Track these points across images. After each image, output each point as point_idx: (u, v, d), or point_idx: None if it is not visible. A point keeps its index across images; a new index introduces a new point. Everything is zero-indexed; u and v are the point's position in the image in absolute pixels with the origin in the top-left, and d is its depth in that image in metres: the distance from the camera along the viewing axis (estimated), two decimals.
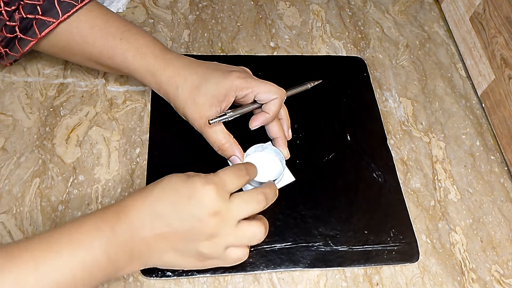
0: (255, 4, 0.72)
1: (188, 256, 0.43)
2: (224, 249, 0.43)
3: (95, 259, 0.39)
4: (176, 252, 0.42)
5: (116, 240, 0.40)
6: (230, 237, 0.43)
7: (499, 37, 0.61)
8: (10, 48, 0.52)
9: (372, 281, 0.50)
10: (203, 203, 0.41)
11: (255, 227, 0.44)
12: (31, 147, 0.54)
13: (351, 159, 0.57)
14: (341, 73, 0.65)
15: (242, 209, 0.43)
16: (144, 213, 0.41)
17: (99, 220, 0.41)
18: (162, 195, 0.42)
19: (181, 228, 0.41)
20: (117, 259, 0.40)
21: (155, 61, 0.51)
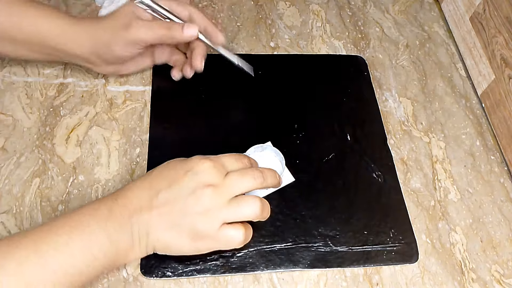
0: (255, 4, 0.72)
1: (184, 233, 0.42)
2: (218, 225, 0.42)
3: (95, 239, 0.39)
4: (173, 230, 0.42)
5: (114, 220, 0.40)
6: (225, 210, 0.42)
7: (499, 37, 0.61)
8: None
9: (372, 281, 0.50)
10: (199, 175, 0.42)
11: (251, 199, 0.44)
12: (31, 147, 0.54)
13: (351, 159, 0.57)
14: (341, 73, 0.65)
15: (238, 184, 0.43)
16: (142, 192, 0.42)
17: (97, 203, 0.42)
18: (160, 174, 0.44)
19: (178, 201, 0.42)
20: (118, 239, 0.40)
21: (64, 15, 0.51)
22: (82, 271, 0.39)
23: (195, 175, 0.43)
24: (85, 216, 0.40)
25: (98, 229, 0.40)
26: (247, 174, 0.45)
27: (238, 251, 0.49)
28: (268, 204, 0.46)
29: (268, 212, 0.46)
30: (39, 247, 0.37)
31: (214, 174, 0.43)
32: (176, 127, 0.57)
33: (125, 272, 0.48)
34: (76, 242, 0.38)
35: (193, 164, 0.43)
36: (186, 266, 0.48)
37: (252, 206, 0.44)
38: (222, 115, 0.58)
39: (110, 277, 0.47)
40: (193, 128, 0.57)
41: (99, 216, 0.40)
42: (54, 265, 0.37)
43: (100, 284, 0.46)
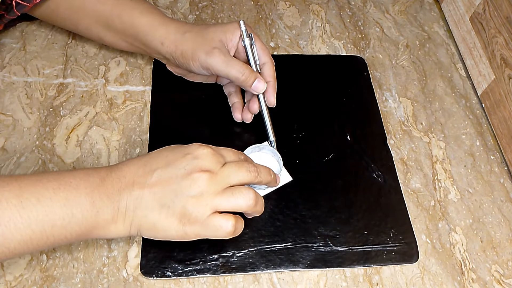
0: (255, 4, 0.72)
1: (172, 215, 0.42)
2: (209, 211, 0.42)
3: (79, 201, 0.39)
4: (162, 210, 0.42)
5: (104, 190, 0.41)
6: (218, 197, 0.42)
7: (499, 37, 0.61)
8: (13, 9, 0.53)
9: (372, 281, 0.50)
10: (198, 159, 0.43)
11: (245, 190, 0.44)
12: (31, 147, 0.54)
13: (351, 159, 0.57)
14: (341, 73, 0.65)
15: (234, 174, 0.44)
16: (137, 168, 0.43)
17: (91, 170, 0.42)
18: (158, 155, 0.44)
19: (172, 181, 0.42)
20: (101, 207, 0.40)
21: (160, 16, 0.53)
22: (56, 228, 0.39)
23: (194, 159, 0.43)
24: (75, 179, 0.40)
25: (85, 194, 0.40)
26: (243, 166, 0.45)
27: (238, 251, 0.49)
28: (263, 199, 0.46)
29: (262, 206, 0.46)
30: (22, 193, 0.38)
31: (213, 161, 0.43)
32: (176, 127, 0.57)
33: (125, 272, 0.48)
34: (59, 198, 0.39)
35: (193, 149, 0.44)
36: (186, 266, 0.48)
37: (246, 197, 0.43)
38: (221, 115, 0.58)
39: (110, 277, 0.47)
40: (193, 128, 0.57)
41: (89, 182, 0.41)
42: (31, 212, 0.38)
43: (100, 284, 0.47)
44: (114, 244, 0.49)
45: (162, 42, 0.53)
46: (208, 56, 0.51)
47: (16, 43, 0.62)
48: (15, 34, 0.63)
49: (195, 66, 0.52)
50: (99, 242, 0.49)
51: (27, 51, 0.62)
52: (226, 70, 0.51)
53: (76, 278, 0.47)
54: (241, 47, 0.53)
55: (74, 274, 0.47)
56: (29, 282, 0.46)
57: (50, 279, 0.46)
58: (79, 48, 0.63)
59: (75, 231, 0.40)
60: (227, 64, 0.51)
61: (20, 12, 0.54)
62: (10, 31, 0.63)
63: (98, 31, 0.56)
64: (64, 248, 0.48)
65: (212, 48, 0.51)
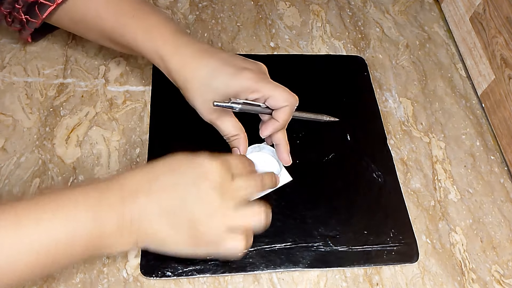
0: (255, 4, 0.72)
1: (181, 230, 0.40)
2: (222, 231, 0.41)
3: (80, 220, 0.38)
4: (168, 217, 0.40)
5: (104, 203, 0.39)
6: (230, 217, 0.41)
7: (499, 37, 0.61)
8: (30, 14, 0.52)
9: (372, 281, 0.50)
10: (208, 174, 0.41)
11: (258, 210, 0.42)
12: (31, 147, 0.54)
13: (351, 159, 0.57)
14: (341, 73, 0.65)
15: (243, 188, 0.43)
16: (141, 176, 0.41)
17: (90, 185, 0.40)
18: (161, 162, 0.42)
19: (178, 186, 0.40)
20: (104, 219, 0.38)
21: (164, 45, 0.49)
22: (60, 247, 0.37)
23: (204, 173, 0.41)
24: (73, 196, 0.39)
25: (85, 209, 0.38)
26: (252, 179, 0.44)
27: None
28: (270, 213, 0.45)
29: (269, 221, 0.45)
30: (20, 220, 0.36)
31: (223, 176, 0.41)
32: (176, 127, 0.57)
33: (125, 272, 0.48)
34: (59, 219, 0.37)
35: (201, 161, 0.42)
36: (186, 266, 0.48)
37: (259, 217, 0.42)
38: None
39: (110, 277, 0.47)
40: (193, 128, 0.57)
41: (88, 196, 0.39)
42: (33, 236, 0.36)
43: (100, 284, 0.46)
44: None
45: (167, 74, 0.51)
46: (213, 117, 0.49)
47: (16, 43, 0.62)
48: (15, 34, 0.63)
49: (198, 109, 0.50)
50: None
51: (27, 51, 0.62)
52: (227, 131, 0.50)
53: (76, 278, 0.47)
54: None
55: (74, 274, 0.47)
56: (29, 282, 0.46)
57: (50, 279, 0.46)
58: (79, 48, 0.63)
59: (81, 248, 0.38)
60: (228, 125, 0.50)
61: (32, 27, 0.54)
62: (10, 31, 0.63)
63: (106, 43, 0.55)
64: None
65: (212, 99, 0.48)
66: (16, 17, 0.53)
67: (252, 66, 0.49)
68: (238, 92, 0.47)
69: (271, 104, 0.48)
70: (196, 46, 0.49)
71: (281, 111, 0.48)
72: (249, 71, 0.47)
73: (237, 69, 0.47)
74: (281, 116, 0.49)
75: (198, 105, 0.50)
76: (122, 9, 0.51)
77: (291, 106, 0.48)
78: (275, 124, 0.49)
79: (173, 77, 0.50)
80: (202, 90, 0.48)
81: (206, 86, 0.48)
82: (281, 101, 0.48)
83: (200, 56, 0.48)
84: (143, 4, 0.52)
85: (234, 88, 0.47)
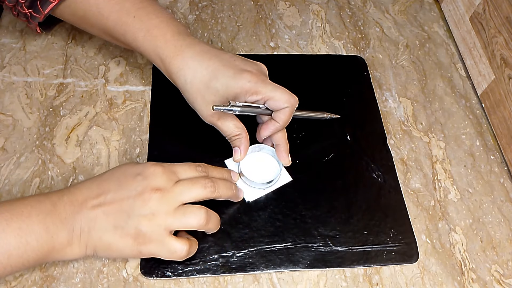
0: (255, 4, 0.72)
1: (127, 235, 0.42)
2: (163, 231, 0.43)
3: (32, 229, 0.40)
4: (116, 231, 0.42)
5: (56, 215, 0.41)
6: (170, 217, 0.43)
7: (499, 37, 0.61)
8: (33, 9, 0.52)
9: (372, 281, 0.50)
10: (148, 179, 0.43)
11: (197, 209, 0.44)
12: (31, 147, 0.54)
13: (351, 159, 0.57)
14: (341, 73, 0.65)
15: (186, 191, 0.44)
16: (90, 190, 0.43)
17: (43, 196, 0.42)
18: (110, 176, 0.44)
19: (123, 202, 0.42)
20: (56, 234, 0.41)
21: (165, 46, 0.49)
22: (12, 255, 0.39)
23: (144, 179, 0.43)
24: (26, 207, 0.40)
25: (37, 221, 0.40)
26: (198, 182, 0.45)
27: (238, 251, 0.49)
28: (217, 216, 0.47)
29: (215, 224, 0.47)
30: None
31: (163, 179, 0.43)
32: (176, 127, 0.57)
33: (125, 272, 0.48)
34: (12, 229, 0.39)
35: (143, 168, 0.44)
36: (186, 266, 0.48)
37: (198, 216, 0.44)
38: None
39: (110, 277, 0.47)
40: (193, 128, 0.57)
41: (41, 209, 0.41)
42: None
43: (100, 284, 0.47)
44: None
45: (168, 76, 0.51)
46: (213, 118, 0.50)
47: (16, 43, 0.62)
48: (15, 34, 0.63)
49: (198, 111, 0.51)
50: None
51: (27, 51, 0.62)
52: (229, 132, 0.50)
53: (76, 278, 0.47)
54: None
55: (74, 274, 0.47)
56: (29, 282, 0.46)
57: (50, 279, 0.46)
58: (79, 48, 0.63)
59: (32, 258, 0.40)
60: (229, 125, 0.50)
61: (36, 22, 0.55)
62: (10, 31, 0.63)
63: (109, 39, 0.55)
64: None
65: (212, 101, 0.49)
66: (20, 11, 0.54)
67: (252, 67, 0.49)
68: (238, 94, 0.47)
69: (271, 105, 0.48)
70: (197, 47, 0.49)
71: (281, 113, 0.48)
72: (249, 73, 0.47)
73: (237, 71, 0.47)
74: (281, 117, 0.49)
75: (198, 107, 0.50)
76: (124, 7, 0.51)
77: (291, 107, 0.48)
78: (275, 125, 0.49)
79: (173, 78, 0.50)
80: (202, 92, 0.48)
81: (206, 88, 0.48)
82: (281, 103, 0.48)
83: (200, 58, 0.48)
84: (146, 2, 0.51)
85: (234, 90, 0.47)
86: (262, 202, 0.53)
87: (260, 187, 0.53)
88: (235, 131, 0.50)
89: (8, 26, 0.63)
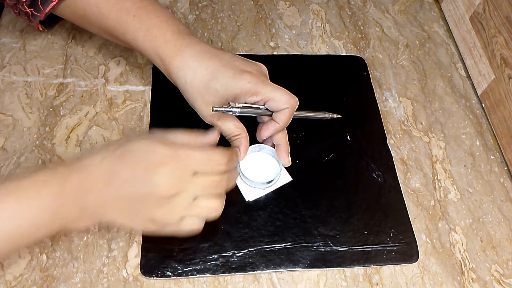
0: (255, 4, 0.72)
1: (142, 220, 0.43)
2: (177, 219, 0.43)
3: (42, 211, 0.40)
4: (131, 215, 0.43)
5: (65, 197, 0.41)
6: (185, 210, 0.43)
7: (499, 36, 0.61)
8: (34, 8, 0.53)
9: (372, 281, 0.50)
10: (162, 173, 0.41)
11: (213, 203, 0.45)
12: (31, 147, 0.54)
13: (351, 159, 0.57)
14: (341, 73, 0.65)
15: (201, 187, 0.44)
16: (101, 172, 0.42)
17: (50, 173, 0.41)
18: (121, 157, 0.42)
19: (136, 191, 0.42)
20: (67, 212, 0.41)
21: (165, 46, 0.49)
22: (23, 234, 0.40)
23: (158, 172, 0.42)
24: (35, 187, 0.40)
25: (48, 204, 0.40)
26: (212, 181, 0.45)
27: (238, 251, 0.49)
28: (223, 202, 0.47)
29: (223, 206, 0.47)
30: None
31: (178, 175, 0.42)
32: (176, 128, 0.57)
33: (125, 272, 0.48)
34: (22, 212, 0.39)
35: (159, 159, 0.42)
36: (186, 266, 0.48)
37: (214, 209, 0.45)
38: None
39: (110, 277, 0.47)
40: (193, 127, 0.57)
41: (50, 190, 0.40)
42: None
43: (100, 284, 0.47)
44: (114, 244, 0.49)
45: (167, 76, 0.51)
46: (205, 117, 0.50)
47: (16, 43, 0.62)
48: (15, 33, 0.63)
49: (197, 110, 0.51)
50: (99, 242, 0.49)
51: (27, 50, 0.62)
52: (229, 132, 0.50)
53: (76, 278, 0.47)
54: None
55: (74, 274, 0.47)
56: (29, 282, 0.46)
57: (50, 279, 0.46)
58: (79, 48, 0.63)
59: (43, 235, 0.42)
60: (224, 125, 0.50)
61: (37, 20, 0.55)
62: (10, 31, 0.63)
63: (109, 38, 0.55)
64: (64, 248, 0.48)
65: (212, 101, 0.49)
66: (21, 9, 0.54)
67: (252, 68, 0.49)
68: (238, 94, 0.47)
69: (271, 106, 0.48)
70: (197, 47, 0.49)
71: (282, 113, 0.48)
72: (249, 74, 0.47)
73: (237, 72, 0.47)
74: (282, 118, 0.49)
75: (198, 107, 0.50)
76: (123, 7, 0.51)
77: (292, 108, 0.48)
78: (275, 126, 0.49)
79: (173, 78, 0.50)
80: (202, 92, 0.48)
81: (206, 88, 0.48)
82: (281, 104, 0.48)
83: (200, 58, 0.48)
84: (146, 2, 0.51)
85: (234, 91, 0.47)
86: (262, 202, 0.53)
87: (260, 187, 0.53)
88: (235, 131, 0.50)
89: (8, 26, 0.63)
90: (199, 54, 0.49)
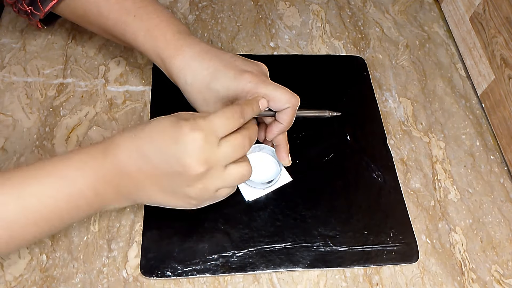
0: (255, 4, 0.72)
1: (176, 197, 0.43)
2: (213, 192, 0.43)
3: (81, 193, 0.40)
4: (165, 193, 0.43)
5: (103, 176, 0.41)
6: (218, 181, 0.43)
7: (499, 37, 0.61)
8: (33, 6, 0.53)
9: (372, 281, 0.50)
10: (189, 149, 0.40)
11: (243, 167, 0.44)
12: (31, 147, 0.54)
13: (351, 159, 0.57)
14: (341, 73, 0.65)
15: (230, 156, 0.42)
16: (131, 151, 0.41)
17: (85, 155, 0.41)
18: (149, 136, 0.42)
19: (166, 171, 0.41)
20: (104, 194, 0.41)
21: (165, 46, 0.49)
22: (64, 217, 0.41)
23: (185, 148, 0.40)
24: (71, 171, 0.40)
25: (86, 186, 0.40)
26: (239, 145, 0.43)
27: (238, 251, 0.49)
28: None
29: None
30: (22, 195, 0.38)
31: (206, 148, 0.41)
32: None
33: (125, 272, 0.48)
34: (62, 194, 0.39)
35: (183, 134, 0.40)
36: (186, 266, 0.48)
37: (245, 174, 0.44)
38: None
39: (110, 277, 0.47)
40: None
41: (87, 171, 0.41)
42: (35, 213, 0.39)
43: (100, 284, 0.47)
44: (114, 244, 0.49)
45: (168, 76, 0.51)
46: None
47: (16, 43, 0.62)
48: (15, 34, 0.63)
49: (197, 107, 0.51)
50: (99, 242, 0.49)
51: (27, 51, 0.62)
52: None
53: (76, 278, 0.47)
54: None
55: (74, 274, 0.47)
56: (29, 282, 0.46)
57: (50, 279, 0.46)
58: (79, 48, 0.63)
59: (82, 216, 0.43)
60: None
61: (36, 19, 0.55)
62: (10, 31, 0.63)
63: (110, 38, 0.55)
64: (64, 248, 0.48)
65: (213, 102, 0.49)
66: (20, 8, 0.54)
67: (253, 68, 0.49)
68: (239, 95, 0.47)
69: (273, 106, 0.48)
70: (198, 47, 0.49)
71: (284, 113, 0.48)
72: (250, 74, 0.47)
73: (238, 72, 0.47)
74: (285, 117, 0.48)
75: (199, 107, 0.50)
76: (123, 7, 0.51)
77: (293, 107, 0.48)
78: (279, 126, 0.49)
79: (174, 78, 0.50)
80: (203, 93, 0.48)
81: (207, 89, 0.48)
82: (282, 103, 0.48)
83: (201, 58, 0.48)
84: (146, 1, 0.51)
85: (235, 91, 0.47)
86: (262, 202, 0.53)
87: (260, 187, 0.53)
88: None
89: (8, 26, 0.63)
90: (199, 54, 0.49)
